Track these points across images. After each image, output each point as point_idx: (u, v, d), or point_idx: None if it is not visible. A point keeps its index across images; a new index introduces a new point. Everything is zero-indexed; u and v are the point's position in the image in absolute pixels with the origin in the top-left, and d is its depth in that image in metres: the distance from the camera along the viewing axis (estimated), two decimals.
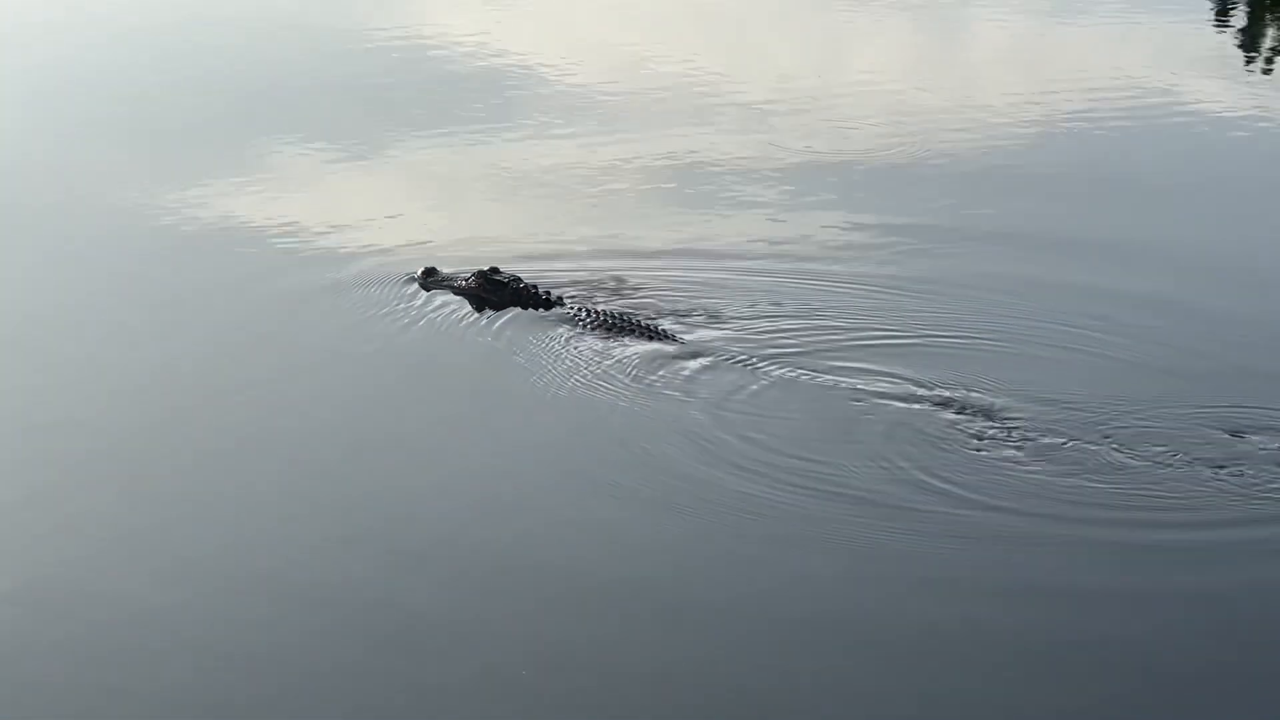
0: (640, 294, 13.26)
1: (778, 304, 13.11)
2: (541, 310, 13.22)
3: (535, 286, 13.35)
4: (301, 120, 17.76)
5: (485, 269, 13.49)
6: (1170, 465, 10.54)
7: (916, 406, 11.38)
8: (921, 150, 17.39)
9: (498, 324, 13.06)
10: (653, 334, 12.59)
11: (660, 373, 12.05)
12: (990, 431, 10.98)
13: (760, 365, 12.04)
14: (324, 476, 10.49)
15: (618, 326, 12.72)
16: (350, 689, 8.36)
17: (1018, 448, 10.81)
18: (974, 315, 12.87)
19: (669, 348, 12.42)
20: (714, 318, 12.90)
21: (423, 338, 12.77)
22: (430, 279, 13.60)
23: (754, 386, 11.77)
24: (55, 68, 20.35)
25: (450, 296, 13.46)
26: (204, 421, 11.10)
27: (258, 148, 16.78)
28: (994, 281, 13.49)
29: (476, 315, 13.19)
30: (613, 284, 13.54)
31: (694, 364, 12.17)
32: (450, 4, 24.12)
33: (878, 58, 22.07)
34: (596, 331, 12.75)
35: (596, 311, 12.94)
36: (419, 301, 13.35)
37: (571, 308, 13.14)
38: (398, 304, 13.31)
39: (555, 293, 13.37)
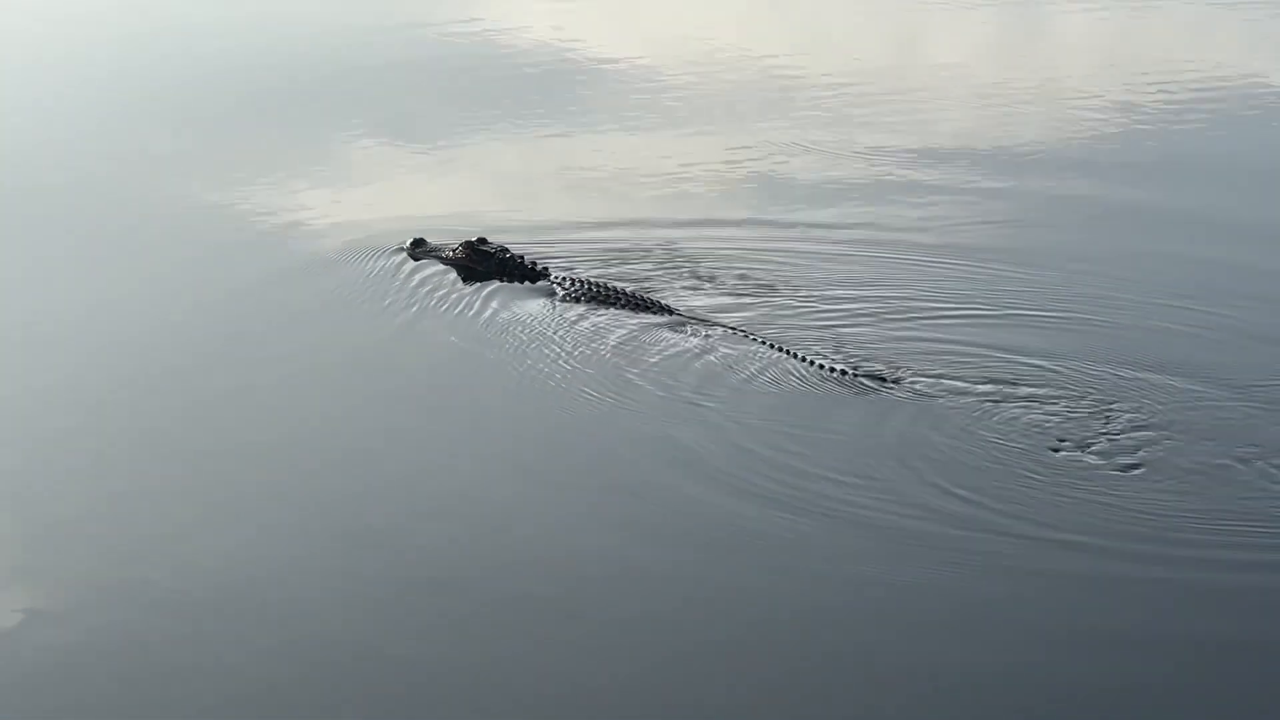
0: (717, 287, 12.71)
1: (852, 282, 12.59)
2: (528, 281, 12.76)
3: (522, 257, 13.02)
4: (369, 112, 17.42)
5: (473, 239, 13.12)
6: None
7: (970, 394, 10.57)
8: (1012, 137, 16.77)
9: (486, 294, 12.63)
10: (640, 304, 12.25)
11: (643, 341, 11.80)
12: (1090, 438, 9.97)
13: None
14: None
15: (603, 297, 12.44)
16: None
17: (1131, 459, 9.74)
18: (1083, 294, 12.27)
19: (658, 318, 12.12)
20: (750, 294, 12.30)
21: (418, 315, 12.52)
22: (419, 249, 13.30)
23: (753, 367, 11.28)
24: (116, 57, 20.20)
25: (439, 266, 13.10)
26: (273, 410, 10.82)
27: (323, 139, 16.43)
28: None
29: (465, 286, 12.74)
30: (691, 275, 12.92)
31: (677, 333, 11.85)
32: None
33: (960, 47, 21.41)
34: (582, 302, 12.47)
35: (581, 281, 12.52)
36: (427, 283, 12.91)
37: (557, 278, 12.68)
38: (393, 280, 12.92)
39: (541, 264, 12.95)
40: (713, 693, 7.84)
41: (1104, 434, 9.94)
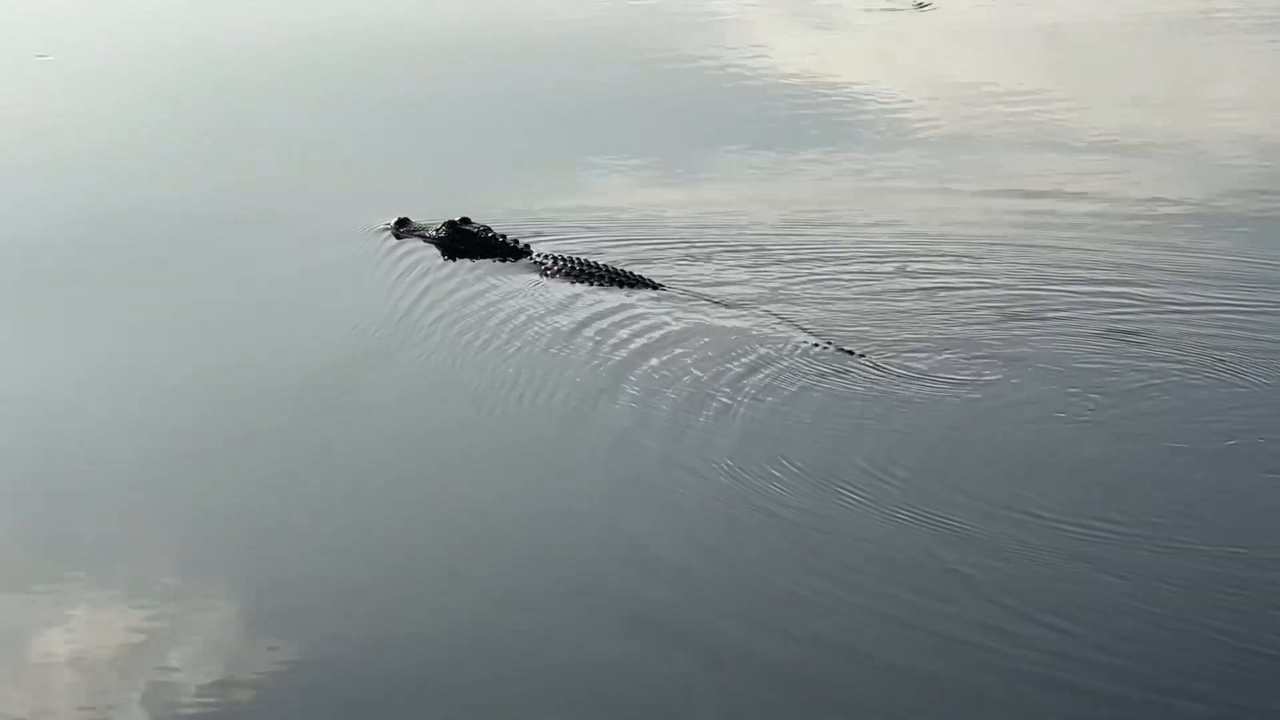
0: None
1: None
2: (510, 259, 13.05)
3: (504, 236, 13.23)
4: (616, 137, 16.68)
5: (455, 219, 13.36)
6: None
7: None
8: None
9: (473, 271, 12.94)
10: (625, 280, 12.48)
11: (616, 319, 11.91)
12: None
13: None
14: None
15: (588, 274, 12.69)
16: None
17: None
18: None
19: (642, 293, 12.35)
20: None
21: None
22: (403, 229, 13.56)
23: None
24: (360, 80, 19.53)
25: (422, 244, 13.38)
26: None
27: (570, 164, 15.77)
28: None
29: (451, 263, 13.02)
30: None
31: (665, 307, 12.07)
32: (775, 27, 22.52)
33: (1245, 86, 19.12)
34: (567, 278, 12.72)
35: (565, 259, 12.78)
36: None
37: (539, 255, 12.96)
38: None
39: (523, 241, 13.20)
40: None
41: None
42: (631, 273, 12.62)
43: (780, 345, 11.18)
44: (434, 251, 13.27)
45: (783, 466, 9.47)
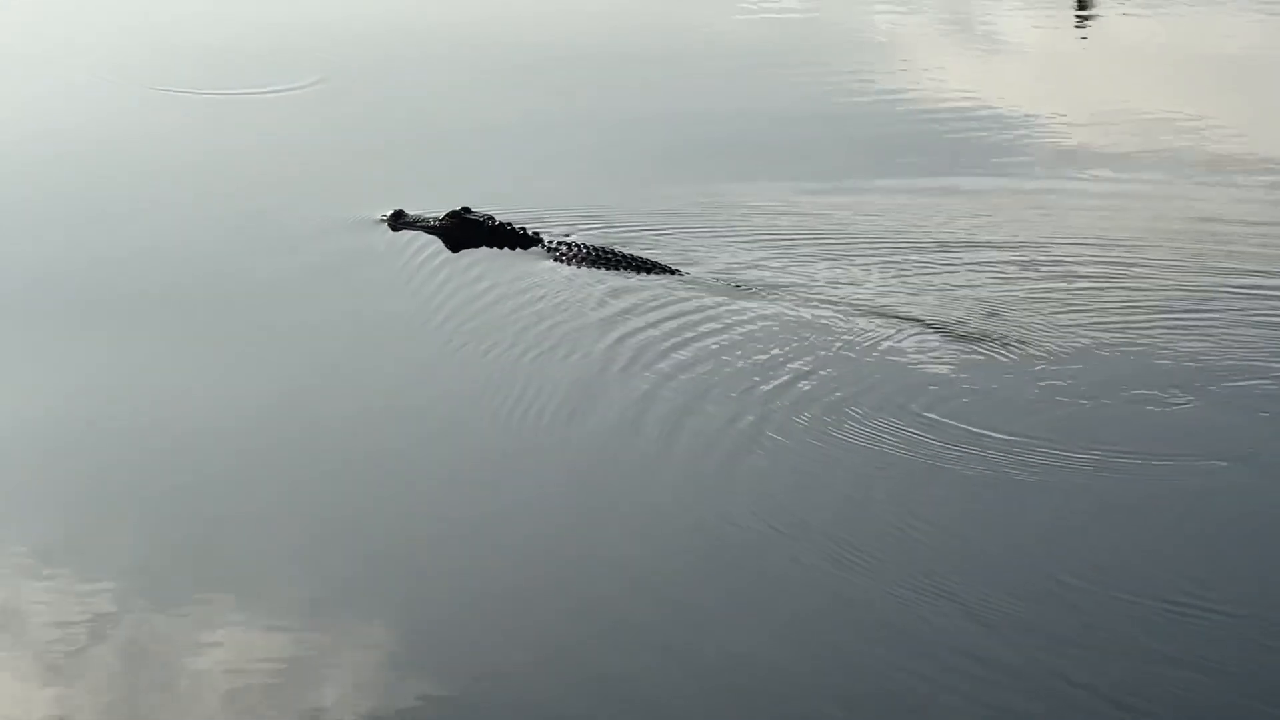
0: None
1: None
2: (519, 248, 12.86)
3: (510, 224, 13.01)
4: (772, 157, 15.80)
5: (457, 208, 13.12)
6: None
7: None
8: None
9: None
10: (640, 265, 12.37)
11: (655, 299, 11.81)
12: None
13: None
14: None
15: (601, 260, 12.50)
16: None
17: None
18: None
19: (662, 278, 12.21)
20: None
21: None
22: (399, 221, 13.25)
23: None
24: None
25: (423, 236, 13.08)
26: None
27: (724, 178, 14.94)
28: None
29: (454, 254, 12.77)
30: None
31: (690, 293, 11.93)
32: (931, 46, 21.61)
33: None
34: (581, 264, 12.51)
35: (577, 245, 12.64)
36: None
37: (552, 243, 12.79)
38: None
39: (531, 229, 13.02)
40: None
41: None
42: (647, 259, 12.47)
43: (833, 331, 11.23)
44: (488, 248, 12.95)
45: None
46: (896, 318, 11.27)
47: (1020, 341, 10.90)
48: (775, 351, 10.81)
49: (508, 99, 17.41)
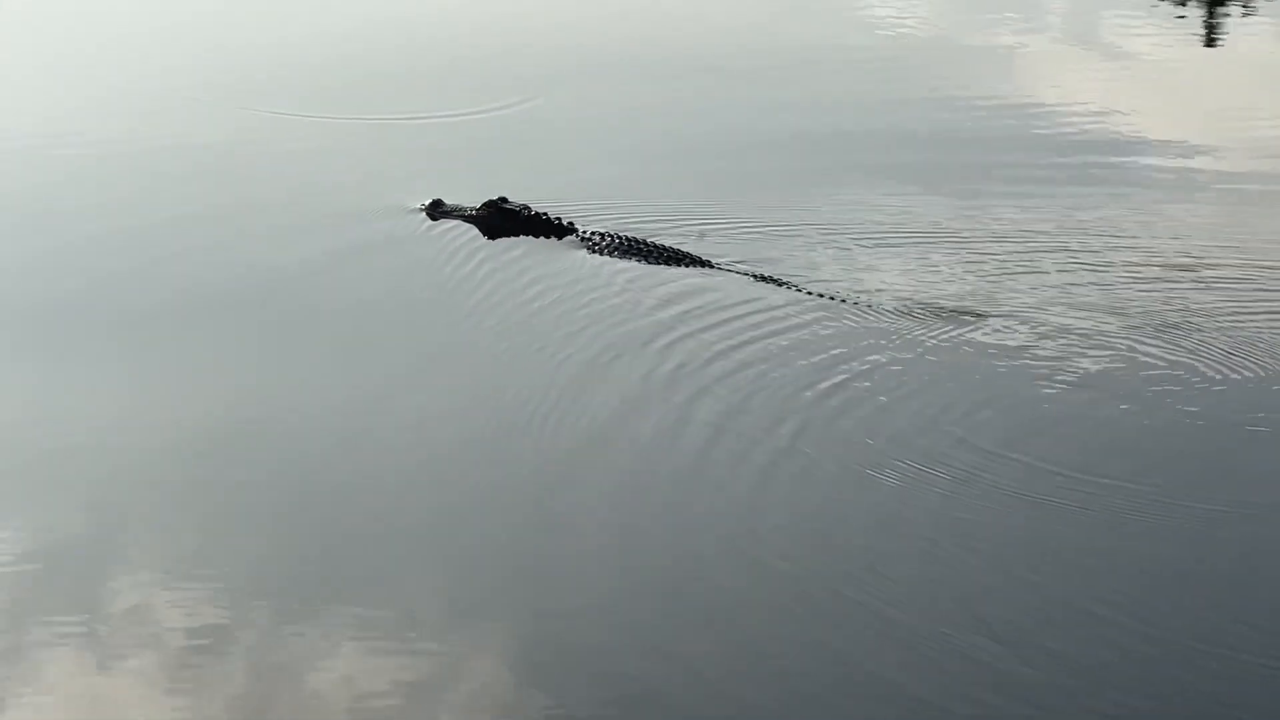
0: None
1: None
2: (554, 237, 13.36)
3: (545, 213, 13.50)
4: (882, 168, 15.92)
5: (494, 198, 13.61)
6: None
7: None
8: None
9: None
10: (674, 256, 12.84)
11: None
12: None
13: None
14: None
15: (635, 250, 12.97)
16: None
17: None
18: None
19: (697, 270, 12.69)
20: None
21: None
22: (438, 210, 13.74)
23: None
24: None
25: (461, 224, 13.59)
26: None
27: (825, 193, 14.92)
28: None
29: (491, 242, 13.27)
30: None
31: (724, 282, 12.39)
32: (1055, 60, 21.53)
33: None
34: (615, 254, 13.00)
35: (611, 235, 13.13)
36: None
37: (585, 232, 13.29)
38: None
39: (566, 219, 13.50)
40: None
41: None
42: (680, 249, 12.98)
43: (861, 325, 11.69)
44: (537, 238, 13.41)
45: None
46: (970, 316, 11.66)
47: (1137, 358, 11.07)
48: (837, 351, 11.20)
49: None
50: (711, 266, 12.72)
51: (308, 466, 9.72)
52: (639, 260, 12.86)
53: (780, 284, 12.31)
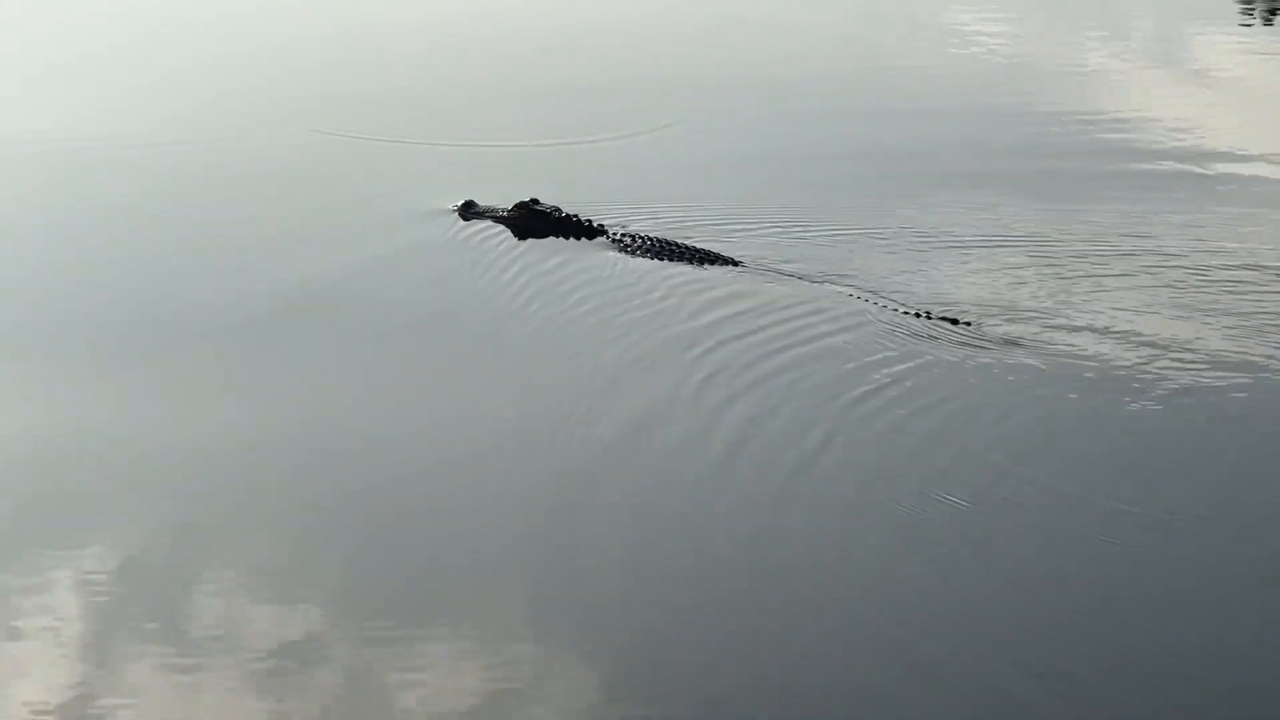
0: None
1: None
2: (585, 238, 13.68)
3: (576, 215, 13.81)
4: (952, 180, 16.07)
5: (526, 200, 13.92)
6: None
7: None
8: None
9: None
10: (704, 257, 13.13)
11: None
12: None
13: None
14: None
15: (666, 251, 13.27)
16: None
17: None
18: None
19: (728, 269, 12.98)
20: None
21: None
22: (469, 211, 14.06)
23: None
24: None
25: (493, 225, 13.90)
26: None
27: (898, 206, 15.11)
28: None
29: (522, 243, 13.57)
30: None
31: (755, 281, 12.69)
32: (1142, 78, 21.54)
33: None
34: (645, 255, 13.28)
35: (642, 236, 13.44)
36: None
37: (615, 233, 13.60)
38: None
39: (597, 221, 13.82)
40: None
41: None
42: (710, 250, 13.23)
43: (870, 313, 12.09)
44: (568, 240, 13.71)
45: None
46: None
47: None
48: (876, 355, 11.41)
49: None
50: (739, 266, 13.03)
51: (387, 477, 9.91)
52: (669, 260, 13.17)
53: (811, 279, 12.66)
